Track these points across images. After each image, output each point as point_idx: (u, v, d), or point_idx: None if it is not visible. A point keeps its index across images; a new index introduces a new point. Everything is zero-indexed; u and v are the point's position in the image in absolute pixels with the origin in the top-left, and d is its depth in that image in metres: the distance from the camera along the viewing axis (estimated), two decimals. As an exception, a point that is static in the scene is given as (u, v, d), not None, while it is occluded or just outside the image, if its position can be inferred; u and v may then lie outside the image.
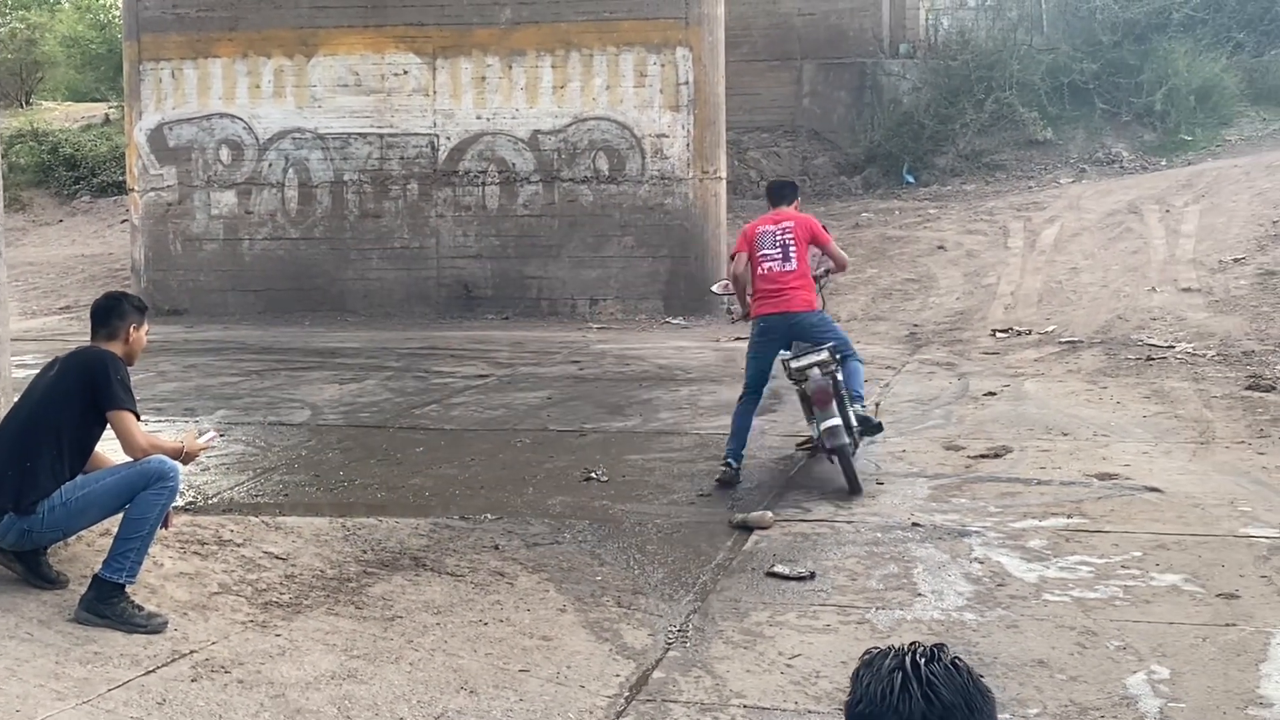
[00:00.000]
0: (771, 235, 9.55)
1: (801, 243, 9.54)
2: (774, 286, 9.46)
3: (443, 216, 19.26)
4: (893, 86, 25.50)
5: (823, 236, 9.77)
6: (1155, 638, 6.30)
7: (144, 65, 19.85)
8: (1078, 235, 19.03)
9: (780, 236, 9.52)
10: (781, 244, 9.49)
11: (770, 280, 9.47)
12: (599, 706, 5.73)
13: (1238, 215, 18.23)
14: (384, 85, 19.26)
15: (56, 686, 5.46)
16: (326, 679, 5.80)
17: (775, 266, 9.46)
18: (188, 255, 19.87)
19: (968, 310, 17.01)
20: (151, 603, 6.35)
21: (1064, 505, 8.56)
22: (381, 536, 7.90)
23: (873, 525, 8.23)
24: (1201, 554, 7.52)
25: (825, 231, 9.84)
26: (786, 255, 9.47)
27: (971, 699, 2.30)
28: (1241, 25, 25.25)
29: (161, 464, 6.25)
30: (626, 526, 8.32)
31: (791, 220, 9.65)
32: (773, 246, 9.50)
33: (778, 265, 9.46)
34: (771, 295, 9.45)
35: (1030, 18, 26.74)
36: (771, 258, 9.48)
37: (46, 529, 6.28)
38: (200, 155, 19.74)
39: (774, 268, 9.46)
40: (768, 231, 9.58)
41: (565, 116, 18.89)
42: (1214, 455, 9.83)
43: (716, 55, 18.76)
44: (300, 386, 13.50)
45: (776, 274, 9.45)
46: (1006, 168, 23.83)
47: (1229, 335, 14.14)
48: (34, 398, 6.40)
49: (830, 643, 6.38)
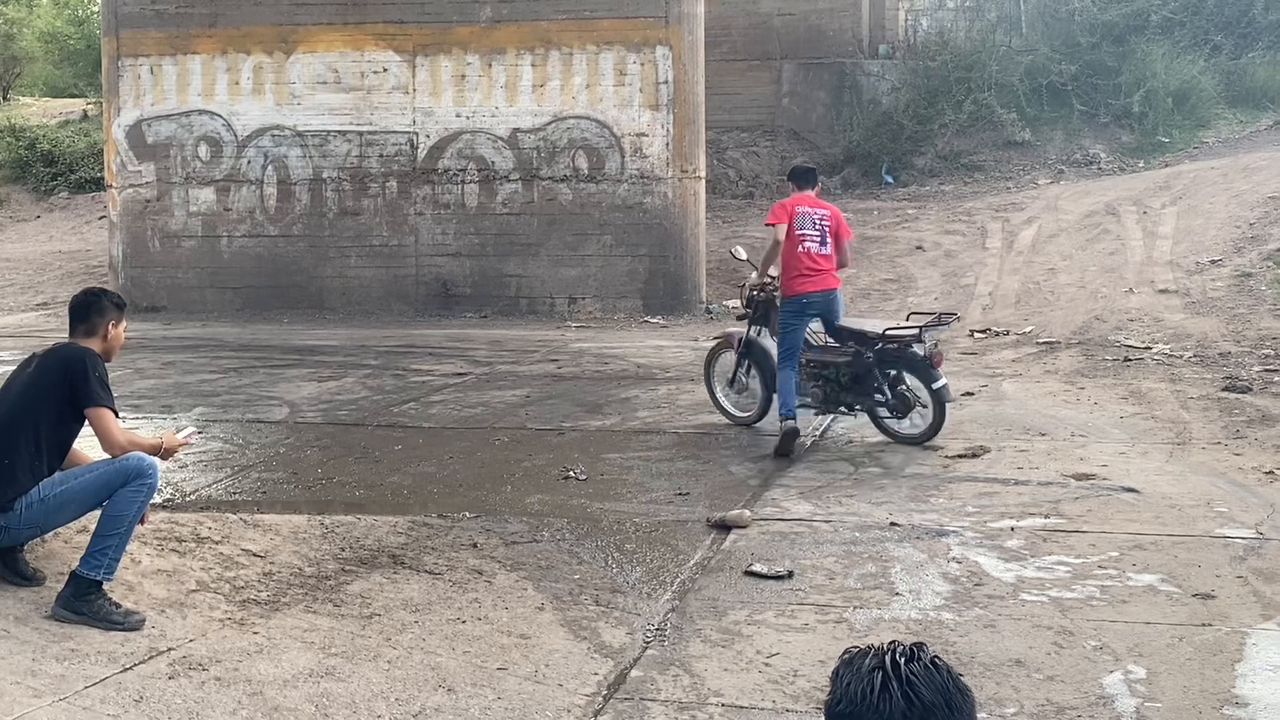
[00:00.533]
0: (811, 218, 10.32)
1: (834, 232, 10.39)
2: (816, 266, 10.25)
3: (422, 214, 19.24)
4: (872, 87, 25.55)
5: (846, 231, 10.60)
6: (1132, 637, 6.32)
7: (123, 61, 19.78)
8: (1055, 236, 19.09)
9: (820, 222, 10.32)
10: (820, 229, 10.29)
11: (812, 260, 10.25)
12: (577, 705, 5.73)
13: (1215, 217, 18.32)
14: (363, 83, 19.23)
15: (33, 683, 5.44)
16: (304, 677, 5.79)
17: (815, 248, 10.26)
18: (166, 252, 19.81)
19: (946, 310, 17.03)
20: (129, 600, 6.33)
21: (1041, 505, 8.59)
22: (360, 534, 7.88)
23: (851, 525, 8.24)
24: (1178, 554, 7.55)
25: (848, 227, 10.74)
26: (824, 239, 10.30)
27: (951, 698, 2.30)
28: (1219, 28, 25.36)
29: (140, 461, 6.22)
30: (605, 525, 8.32)
31: (828, 210, 10.49)
32: (814, 229, 10.29)
33: (816, 247, 10.26)
34: (813, 274, 10.24)
35: (1009, 19, 26.83)
36: (812, 238, 10.27)
37: (24, 526, 6.24)
38: (179, 152, 19.69)
39: (814, 249, 10.25)
40: (808, 214, 10.34)
41: (545, 115, 18.89)
42: (1191, 456, 9.87)
43: (696, 54, 18.78)
44: (279, 384, 13.47)
45: (817, 255, 10.26)
46: (985, 168, 23.90)
47: (1206, 336, 14.20)
48: (11, 395, 6.36)
49: (808, 641, 6.39)
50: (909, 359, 10.23)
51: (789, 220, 10.21)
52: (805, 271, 10.19)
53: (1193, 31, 25.15)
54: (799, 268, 10.20)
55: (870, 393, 10.38)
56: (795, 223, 10.20)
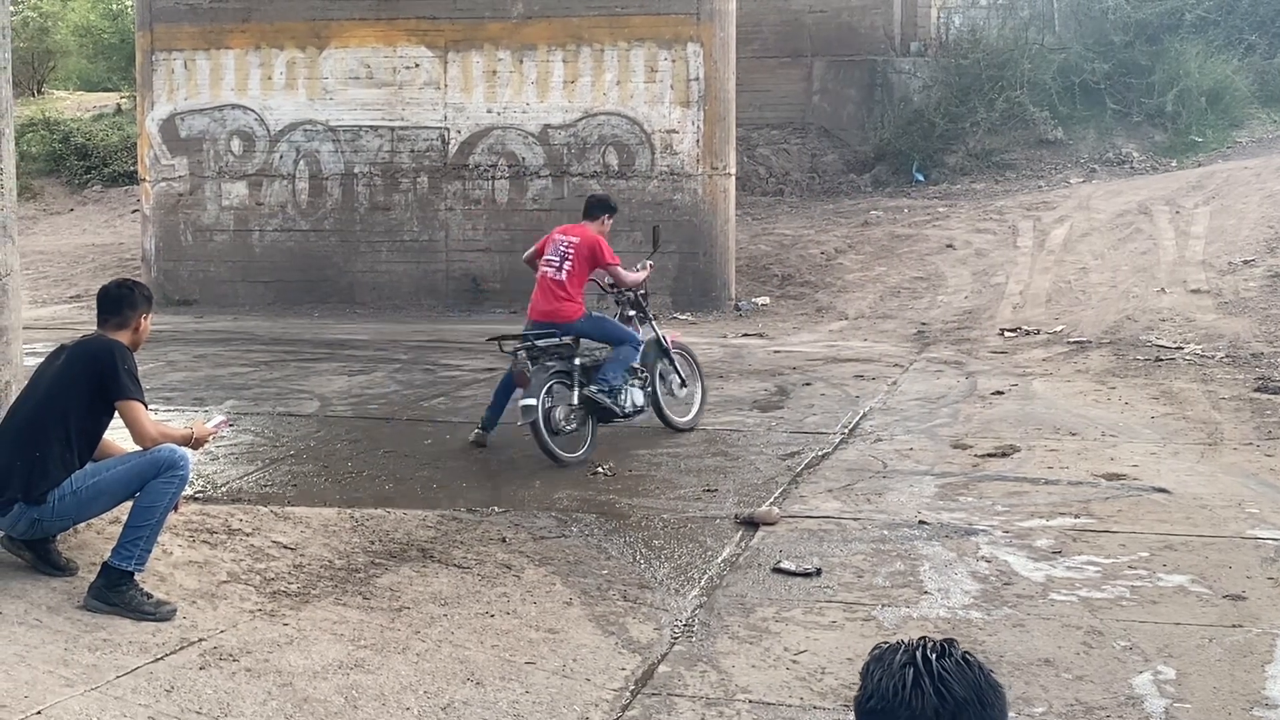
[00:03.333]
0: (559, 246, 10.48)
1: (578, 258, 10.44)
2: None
3: (452, 210, 19.28)
4: (903, 84, 25.48)
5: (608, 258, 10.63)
6: (1161, 638, 6.30)
7: (156, 55, 19.88)
8: (1087, 235, 19.01)
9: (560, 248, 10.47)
10: (560, 252, 10.43)
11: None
12: (605, 700, 5.74)
13: (1248, 217, 18.21)
14: (395, 78, 19.28)
15: (65, 673, 5.48)
16: (334, 668, 5.81)
17: (549, 273, 10.41)
18: (198, 246, 19.90)
19: (976, 309, 17.00)
20: (160, 590, 6.37)
21: (1071, 505, 8.56)
22: (389, 528, 7.91)
23: (879, 523, 8.23)
24: (1209, 555, 7.52)
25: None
26: (560, 266, 10.38)
27: (984, 694, 2.30)
28: (1254, 27, 25.20)
29: (172, 453, 6.26)
30: (633, 521, 8.34)
31: (578, 235, 10.56)
32: (553, 254, 10.45)
33: (552, 273, 10.40)
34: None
35: (1042, 17, 26.71)
36: (550, 263, 10.43)
37: (56, 518, 6.28)
38: (211, 146, 19.77)
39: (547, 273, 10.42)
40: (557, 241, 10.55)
41: (575, 111, 18.90)
42: (1222, 457, 9.82)
43: (727, 51, 18.76)
44: (309, 378, 13.53)
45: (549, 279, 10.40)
46: (1016, 167, 23.81)
47: (1238, 337, 14.13)
48: (41, 387, 6.38)
49: (836, 639, 6.39)
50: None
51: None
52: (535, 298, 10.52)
53: (1227, 31, 25.00)
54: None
55: None
56: (545, 249, 10.52)
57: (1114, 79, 24.40)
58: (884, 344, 15.47)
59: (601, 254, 10.45)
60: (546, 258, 10.39)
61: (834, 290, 18.63)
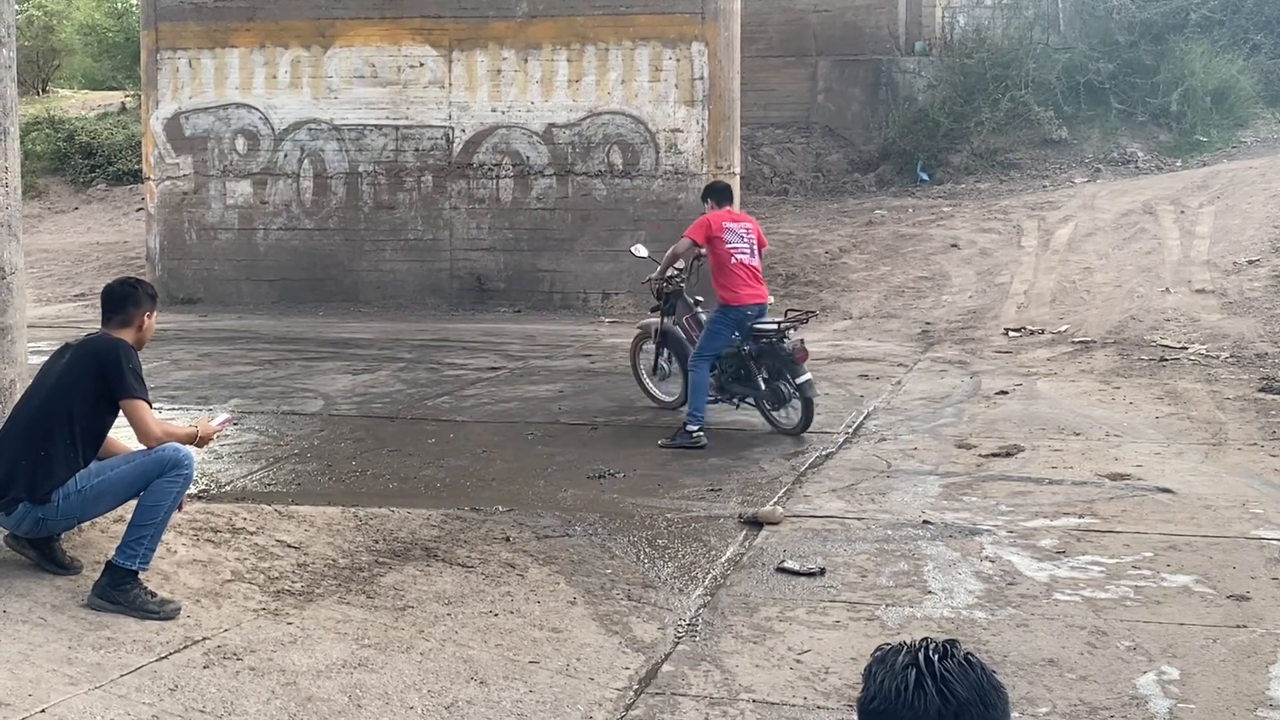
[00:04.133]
0: (737, 232, 10.82)
1: (759, 243, 10.99)
2: (756, 278, 10.83)
3: (456, 209, 19.28)
4: (908, 84, 25.46)
5: (764, 241, 11.21)
6: (1166, 638, 6.29)
7: (161, 54, 19.90)
8: (1092, 235, 18.99)
9: (746, 235, 10.85)
10: (748, 241, 10.81)
11: (749, 271, 10.75)
12: (608, 699, 5.74)
13: (1253, 217, 18.19)
14: (400, 77, 19.29)
15: (69, 671, 5.48)
16: (338, 667, 5.82)
17: (746, 259, 10.75)
18: (202, 244, 19.92)
19: (980, 309, 16.99)
20: (164, 589, 6.37)
21: (1075, 505, 8.56)
22: (393, 526, 7.91)
23: (883, 522, 8.23)
24: (1213, 555, 7.52)
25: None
26: (753, 251, 10.84)
27: (986, 695, 2.30)
28: (1259, 27, 25.17)
29: (176, 452, 6.26)
30: (637, 520, 8.33)
31: (750, 223, 11.10)
32: (742, 242, 10.77)
33: (748, 258, 10.76)
34: (755, 284, 10.81)
35: (1047, 17, 26.69)
36: (742, 251, 10.74)
37: (61, 517, 6.29)
38: (216, 145, 19.79)
39: (745, 260, 10.74)
40: (733, 228, 10.84)
41: (580, 110, 18.90)
42: (1226, 457, 9.81)
43: (732, 50, 18.76)
44: (313, 376, 13.54)
45: (751, 265, 10.78)
46: (1021, 166, 23.78)
47: (1243, 337, 14.12)
48: (46, 386, 6.38)
49: (840, 639, 6.39)
50: (777, 353, 10.70)
51: (719, 234, 10.71)
52: (749, 282, 10.73)
53: (1232, 30, 24.96)
54: (741, 278, 10.69)
55: (755, 384, 10.88)
56: (724, 237, 10.70)
57: (1119, 78, 24.37)
58: (888, 343, 15.47)
59: (763, 236, 11.14)
60: (733, 245, 10.66)
61: (838, 290, 18.62)
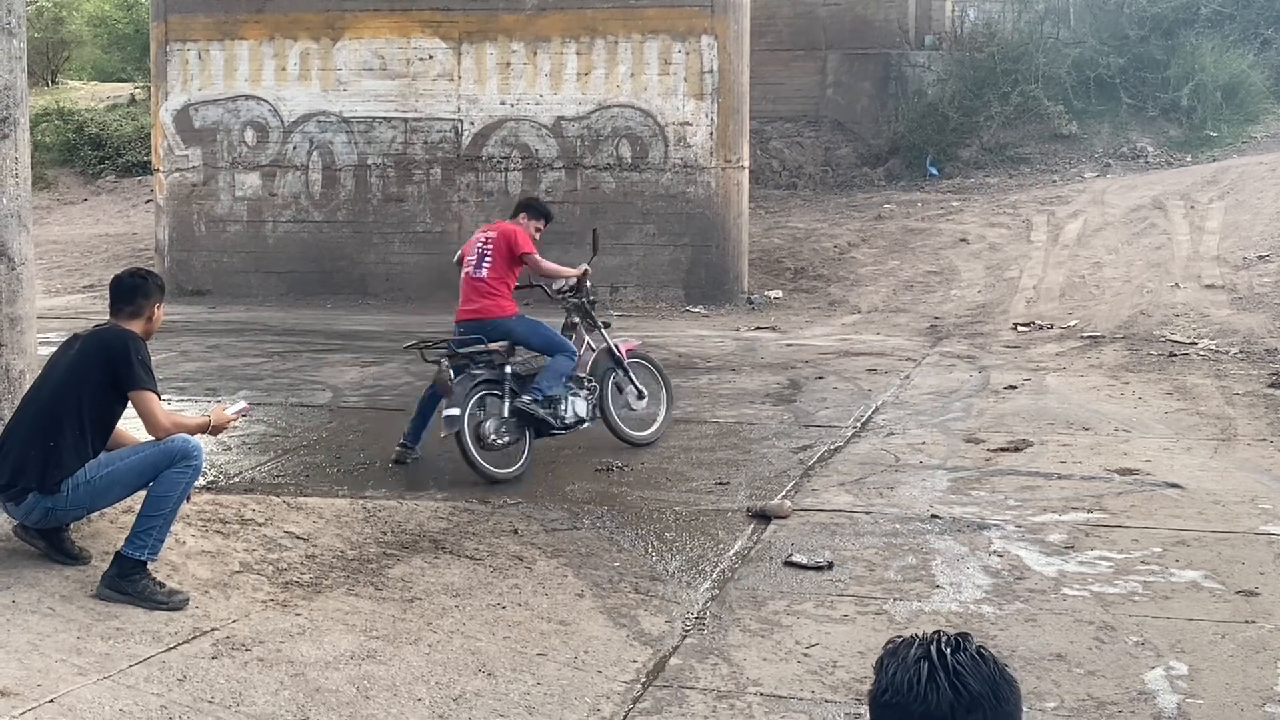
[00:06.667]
0: (475, 244, 9.89)
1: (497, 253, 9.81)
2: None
3: (465, 202, 19.28)
4: (917, 78, 25.43)
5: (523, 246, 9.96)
6: (1174, 633, 6.28)
7: (171, 46, 19.90)
8: (1101, 230, 18.97)
9: (484, 247, 9.84)
10: (478, 252, 9.83)
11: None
12: (616, 692, 5.74)
13: (1263, 212, 18.16)
14: (409, 69, 19.28)
15: (78, 661, 5.49)
16: (346, 659, 5.82)
17: (470, 271, 9.81)
18: (211, 236, 19.94)
19: (989, 303, 16.98)
20: (173, 580, 6.38)
21: (1084, 500, 8.55)
22: (401, 518, 7.92)
23: (891, 516, 8.22)
24: (1222, 551, 7.50)
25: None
26: (480, 263, 9.80)
27: (999, 689, 2.29)
28: (1270, 22, 25.12)
29: (185, 443, 6.27)
30: (645, 513, 8.34)
31: (496, 230, 9.95)
32: (472, 254, 9.86)
33: (472, 270, 9.81)
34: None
35: (1057, 11, 26.65)
36: (468, 262, 9.84)
37: (70, 507, 6.30)
38: (225, 137, 19.80)
39: (468, 272, 9.82)
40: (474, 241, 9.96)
41: (589, 103, 18.89)
42: (1235, 452, 9.80)
43: (741, 44, 18.74)
44: (322, 369, 13.55)
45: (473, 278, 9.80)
46: (1030, 161, 23.76)
47: (1252, 332, 14.09)
48: (55, 377, 6.38)
49: (848, 633, 6.39)
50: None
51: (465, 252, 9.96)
52: (466, 297, 9.87)
53: (1242, 25, 24.92)
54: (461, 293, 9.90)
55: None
56: (467, 250, 9.94)
57: (1129, 73, 24.33)
58: (897, 338, 15.45)
59: (517, 243, 9.77)
60: (466, 259, 9.83)
61: (847, 284, 18.61)
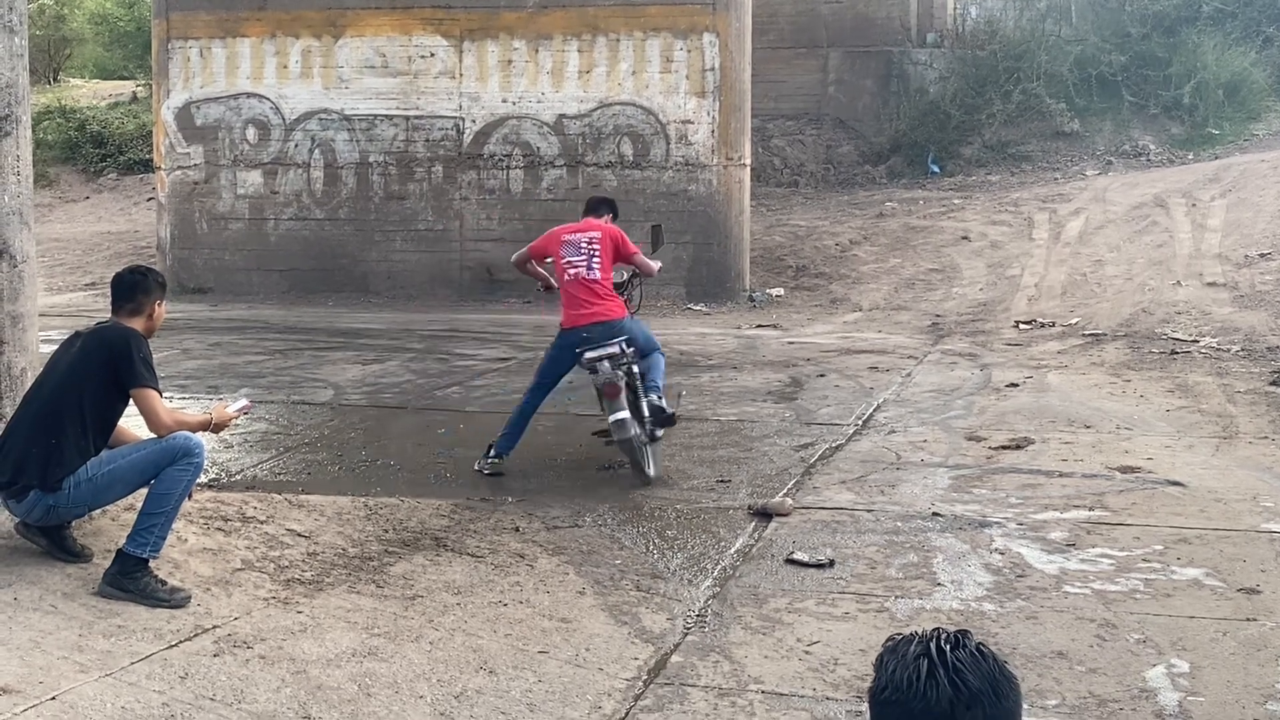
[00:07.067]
0: (574, 244, 9.43)
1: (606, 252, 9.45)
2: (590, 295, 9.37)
3: (467, 199, 19.28)
4: (919, 76, 25.43)
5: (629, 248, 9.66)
6: (1175, 631, 6.28)
7: (172, 44, 19.91)
8: (1103, 228, 18.96)
9: (588, 247, 9.41)
10: (587, 252, 9.39)
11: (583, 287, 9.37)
12: (617, 689, 5.75)
13: (1265, 210, 18.15)
14: (410, 67, 19.28)
15: (80, 659, 5.50)
16: (347, 656, 5.83)
17: (580, 274, 9.34)
18: (213, 234, 19.94)
19: (991, 301, 16.97)
20: (175, 578, 6.38)
21: (1085, 498, 8.54)
22: (403, 516, 7.92)
23: (893, 514, 8.22)
24: (1223, 549, 7.50)
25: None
26: (590, 265, 9.36)
27: (998, 685, 2.30)
28: (1271, 19, 25.11)
29: (187, 440, 6.27)
30: (646, 511, 8.34)
31: (599, 230, 9.54)
32: (578, 254, 9.39)
33: (583, 273, 9.34)
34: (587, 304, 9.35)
35: (1059, 9, 26.63)
36: (576, 264, 9.36)
37: (72, 505, 6.30)
38: (227, 134, 19.80)
39: (579, 275, 9.35)
40: (572, 240, 9.47)
41: (591, 101, 18.89)
42: (1237, 450, 9.79)
43: (743, 41, 18.74)
44: (323, 366, 13.55)
45: (586, 280, 9.35)
46: (1032, 159, 23.76)
47: (1254, 330, 14.09)
48: (56, 375, 6.39)
49: (849, 630, 6.39)
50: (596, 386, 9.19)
51: (555, 250, 9.45)
52: (581, 301, 9.34)
53: (1244, 23, 24.91)
54: (572, 296, 9.38)
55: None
56: (560, 252, 9.41)
57: (1131, 71, 24.33)
58: (898, 336, 15.45)
59: (625, 244, 9.51)
60: (568, 259, 9.32)
61: (848, 282, 18.61)
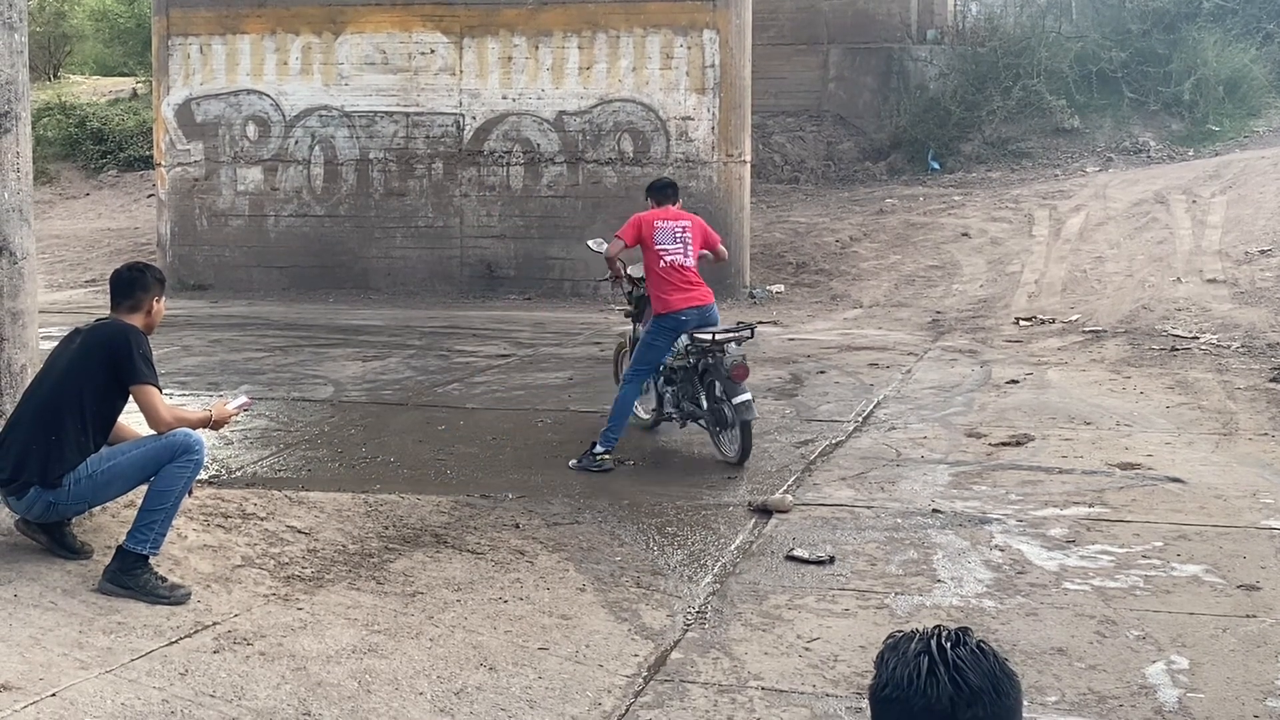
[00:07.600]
0: (672, 232, 9.54)
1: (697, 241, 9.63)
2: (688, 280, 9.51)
3: (467, 196, 19.28)
4: (919, 72, 25.42)
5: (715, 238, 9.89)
6: (1175, 628, 6.29)
7: (172, 40, 19.90)
8: (1103, 224, 18.96)
9: (681, 236, 9.53)
10: (683, 241, 9.52)
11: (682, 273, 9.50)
12: (617, 686, 5.75)
13: (1265, 207, 18.15)
14: (411, 64, 19.27)
15: (80, 655, 5.50)
16: (347, 653, 5.83)
17: (678, 260, 9.47)
18: (213, 230, 19.94)
19: (991, 298, 16.97)
20: (175, 574, 6.39)
21: (1085, 494, 8.55)
22: (403, 513, 7.92)
23: (893, 511, 8.23)
24: (1223, 545, 7.51)
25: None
26: (687, 251, 9.52)
27: (999, 683, 2.30)
28: (1272, 16, 25.10)
29: (187, 437, 6.27)
30: (646, 508, 8.34)
31: (689, 220, 9.69)
32: (674, 241, 9.50)
33: (679, 259, 9.47)
34: (687, 288, 9.50)
35: (1059, 5, 26.64)
36: (673, 252, 9.48)
37: (72, 502, 6.30)
38: (227, 131, 19.79)
39: (676, 261, 9.47)
40: (667, 227, 9.56)
41: (591, 98, 18.88)
42: (1237, 447, 9.79)
43: (743, 38, 18.73)
44: (324, 363, 13.55)
45: (681, 266, 9.48)
46: (1032, 155, 23.75)
47: (1254, 327, 14.09)
48: (56, 371, 6.39)
49: (849, 627, 6.39)
50: (717, 369, 9.30)
51: (649, 236, 9.47)
52: (680, 286, 9.45)
53: (1244, 20, 24.90)
54: (672, 283, 9.44)
55: (697, 402, 9.62)
56: (655, 238, 9.45)
57: (1131, 68, 24.32)
58: (898, 332, 15.45)
59: (710, 232, 9.78)
60: (663, 245, 9.39)
61: (849, 278, 18.61)
